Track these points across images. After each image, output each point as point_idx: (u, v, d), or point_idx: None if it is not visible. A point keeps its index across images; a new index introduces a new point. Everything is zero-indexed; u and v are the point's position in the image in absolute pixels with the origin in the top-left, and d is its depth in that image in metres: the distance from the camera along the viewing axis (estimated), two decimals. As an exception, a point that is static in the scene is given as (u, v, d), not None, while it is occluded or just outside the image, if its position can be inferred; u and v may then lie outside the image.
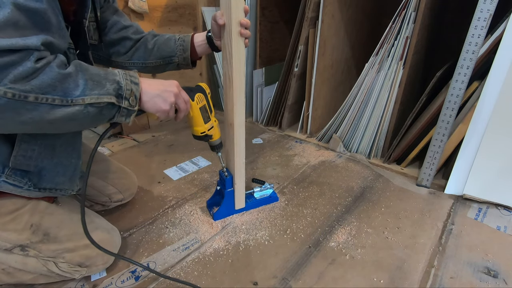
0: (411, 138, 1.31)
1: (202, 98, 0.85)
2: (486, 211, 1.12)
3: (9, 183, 0.65)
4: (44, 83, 0.51)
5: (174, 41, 0.92)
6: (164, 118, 0.72)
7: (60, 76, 0.53)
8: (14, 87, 0.48)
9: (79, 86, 0.55)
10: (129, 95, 0.62)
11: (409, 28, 1.21)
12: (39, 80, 0.51)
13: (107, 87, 0.59)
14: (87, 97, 0.56)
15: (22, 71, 0.49)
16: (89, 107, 0.57)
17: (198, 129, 0.86)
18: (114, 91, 0.60)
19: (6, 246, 0.70)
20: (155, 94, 0.68)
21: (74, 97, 0.54)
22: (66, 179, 0.73)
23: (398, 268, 0.88)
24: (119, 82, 0.61)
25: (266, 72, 1.80)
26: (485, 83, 1.07)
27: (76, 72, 0.56)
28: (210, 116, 0.89)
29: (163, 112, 0.70)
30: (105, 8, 0.87)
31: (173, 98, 0.71)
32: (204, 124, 0.86)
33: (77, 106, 0.55)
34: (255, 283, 0.83)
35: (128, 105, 0.63)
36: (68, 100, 0.54)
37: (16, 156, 0.64)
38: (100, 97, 0.58)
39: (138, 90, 0.65)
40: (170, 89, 0.70)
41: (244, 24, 0.78)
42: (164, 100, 0.69)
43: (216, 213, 1.04)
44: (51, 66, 0.52)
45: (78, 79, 0.55)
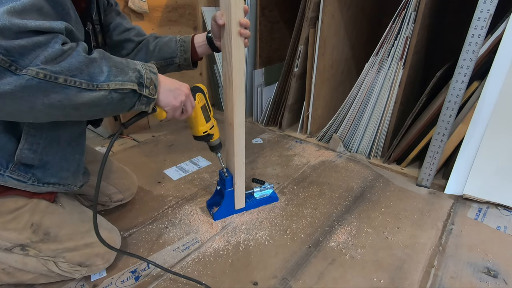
0: (411, 138, 1.31)
1: (202, 98, 0.86)
2: (486, 211, 1.12)
3: (13, 178, 0.65)
4: (73, 65, 0.52)
5: (175, 42, 0.93)
6: (171, 116, 0.74)
7: (87, 60, 0.54)
8: (46, 68, 0.49)
9: (104, 72, 0.57)
10: (149, 83, 0.64)
11: (409, 28, 1.21)
12: (67, 63, 0.52)
13: (130, 74, 0.61)
14: (111, 82, 0.57)
15: (52, 52, 0.50)
16: (113, 93, 0.58)
17: (200, 128, 0.87)
18: (136, 78, 0.62)
19: (6, 246, 0.71)
20: (169, 88, 0.71)
21: (100, 82, 0.56)
22: (69, 174, 0.74)
23: (398, 268, 0.88)
24: (139, 70, 0.63)
25: (266, 72, 1.80)
26: (485, 83, 1.07)
27: (100, 58, 0.58)
28: (210, 115, 0.90)
29: (172, 107, 0.72)
30: (108, 11, 0.89)
31: (183, 97, 0.73)
32: (206, 124, 0.87)
33: (102, 91, 0.56)
34: (255, 283, 0.83)
35: (148, 93, 0.65)
36: (94, 85, 0.55)
37: (22, 150, 0.64)
38: (124, 83, 0.59)
39: (157, 80, 0.67)
40: (182, 89, 0.73)
41: (243, 24, 0.78)
42: (175, 96, 0.72)
43: (216, 213, 1.05)
44: (78, 50, 0.54)
45: (102, 65, 0.57)
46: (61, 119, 0.61)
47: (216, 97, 2.01)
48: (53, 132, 0.68)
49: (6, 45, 0.46)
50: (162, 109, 0.71)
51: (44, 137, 0.67)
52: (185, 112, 0.78)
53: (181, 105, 0.74)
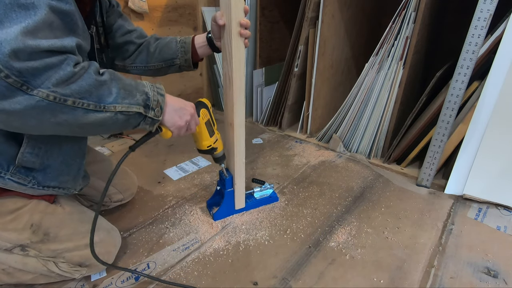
0: (411, 138, 1.31)
1: (206, 113, 0.87)
2: (486, 211, 1.12)
3: (13, 180, 0.65)
4: (82, 88, 0.53)
5: (175, 43, 0.93)
6: (176, 134, 0.75)
7: (96, 83, 0.55)
8: (56, 91, 0.50)
9: (112, 93, 0.58)
10: (155, 105, 0.66)
11: (409, 28, 1.21)
12: (78, 85, 0.53)
13: (137, 97, 0.62)
14: (118, 105, 0.59)
15: (63, 75, 0.51)
16: (119, 115, 0.59)
17: (204, 143, 0.89)
18: (143, 101, 0.63)
19: (6, 246, 0.71)
20: (175, 108, 0.72)
21: (107, 104, 0.57)
22: (70, 178, 0.74)
23: (398, 268, 0.88)
24: (147, 93, 0.64)
25: (266, 72, 1.80)
26: (485, 83, 1.07)
27: (111, 80, 0.58)
28: (214, 129, 0.91)
29: (177, 127, 0.73)
30: (110, 13, 0.89)
31: (189, 117, 0.75)
32: (210, 138, 0.89)
33: (108, 112, 0.57)
34: (255, 283, 0.83)
35: (154, 115, 0.66)
36: (101, 106, 0.56)
37: (23, 153, 0.64)
38: (130, 106, 0.61)
39: (164, 102, 0.68)
40: (188, 108, 0.75)
41: (244, 24, 0.78)
42: (180, 116, 0.73)
43: (216, 213, 1.05)
44: (89, 72, 0.55)
45: (112, 87, 0.58)
46: (66, 134, 0.63)
47: (216, 97, 2.01)
48: (55, 136, 0.68)
49: (19, 67, 0.46)
50: (168, 129, 0.73)
51: (46, 141, 0.67)
52: (189, 130, 0.79)
53: (186, 124, 0.75)
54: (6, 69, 0.46)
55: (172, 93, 0.74)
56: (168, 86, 2.04)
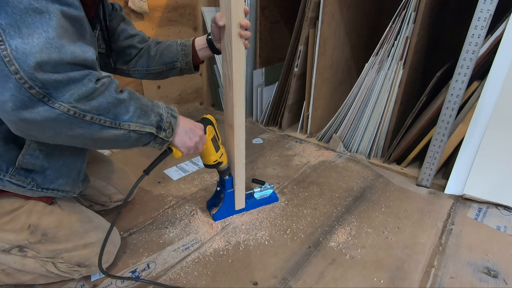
0: (411, 138, 1.31)
1: (212, 130, 0.89)
2: (486, 211, 1.12)
3: (12, 182, 0.65)
4: (102, 105, 0.55)
5: (176, 46, 0.93)
6: (185, 154, 0.78)
7: (116, 101, 0.57)
8: (77, 106, 0.51)
9: (129, 112, 0.60)
10: (167, 127, 0.68)
11: (409, 28, 1.21)
12: (97, 102, 0.54)
13: (152, 118, 0.64)
14: (133, 124, 0.60)
15: (85, 91, 0.52)
16: (132, 133, 0.61)
17: (211, 158, 0.91)
18: (156, 122, 0.65)
19: (4, 247, 0.71)
20: (185, 130, 0.74)
21: (122, 122, 0.58)
22: (69, 181, 0.74)
23: (398, 268, 0.88)
24: (161, 115, 0.67)
25: (266, 72, 1.79)
26: (485, 83, 1.07)
27: (130, 99, 0.60)
28: (219, 144, 0.94)
29: (187, 148, 0.76)
30: (113, 16, 0.89)
31: (198, 138, 0.78)
32: (216, 153, 0.92)
33: (122, 130, 0.59)
34: (255, 283, 0.83)
35: (165, 136, 0.68)
36: (117, 123, 0.58)
37: (24, 155, 0.64)
38: (144, 126, 0.62)
39: (176, 124, 0.71)
40: (197, 130, 0.78)
41: (244, 25, 0.78)
42: (190, 138, 0.76)
43: (216, 213, 1.04)
44: (110, 90, 0.56)
45: (129, 106, 0.60)
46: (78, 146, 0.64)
47: (216, 97, 2.00)
48: None
49: (43, 79, 0.47)
50: (178, 149, 0.75)
51: (48, 144, 0.66)
52: (196, 150, 0.82)
53: (195, 145, 0.78)
54: (30, 80, 0.47)
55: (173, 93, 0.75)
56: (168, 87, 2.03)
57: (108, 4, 0.86)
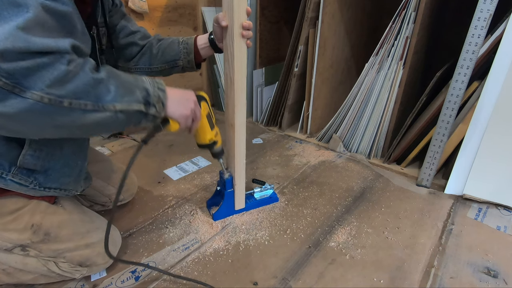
0: (411, 138, 1.31)
1: (206, 106, 0.86)
2: (486, 211, 1.12)
3: (15, 181, 0.65)
4: (78, 88, 0.51)
5: (178, 44, 0.93)
6: (184, 125, 0.74)
7: (93, 82, 0.53)
8: (50, 92, 0.48)
9: (111, 92, 0.55)
10: (156, 101, 0.63)
11: (409, 28, 1.21)
12: (73, 85, 0.50)
13: (137, 94, 0.60)
14: (117, 103, 0.56)
15: (57, 75, 0.48)
16: (119, 114, 0.57)
17: (206, 136, 0.88)
18: (143, 98, 0.61)
19: (6, 246, 0.71)
20: (178, 99, 0.70)
21: (105, 103, 0.54)
22: (71, 180, 0.74)
23: (398, 268, 0.88)
24: (147, 89, 0.62)
25: (266, 72, 1.80)
26: (485, 83, 1.07)
27: (108, 77, 0.55)
28: (213, 123, 0.90)
29: (184, 117, 0.72)
30: (113, 13, 0.88)
31: (193, 104, 0.74)
32: (211, 131, 0.88)
33: (108, 112, 0.55)
34: (255, 283, 0.83)
35: (155, 112, 0.64)
36: (100, 106, 0.54)
37: (24, 155, 0.64)
38: (131, 104, 0.58)
39: (165, 97, 0.66)
40: (189, 97, 0.74)
41: (246, 26, 0.78)
42: (185, 106, 0.72)
43: (216, 213, 1.05)
44: (85, 70, 0.52)
45: (109, 85, 0.55)
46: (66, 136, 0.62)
47: (216, 97, 2.00)
48: (57, 139, 0.68)
49: (8, 68, 0.44)
50: (175, 120, 0.71)
51: (48, 144, 0.66)
52: (195, 119, 0.78)
53: (192, 113, 0.74)
54: None
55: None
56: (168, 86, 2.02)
57: (108, 0, 0.85)
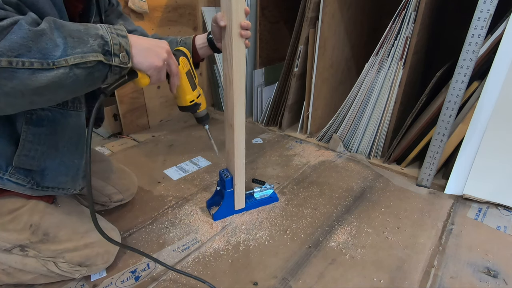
0: (411, 138, 1.31)
1: (186, 63, 0.78)
2: (486, 211, 1.12)
3: (12, 181, 0.65)
4: (15, 43, 0.44)
5: (176, 44, 0.92)
6: (156, 79, 0.65)
7: (31, 34, 0.46)
8: None
9: (59, 45, 0.48)
10: (118, 50, 0.56)
11: (409, 28, 1.21)
12: (7, 41, 0.44)
13: (91, 43, 0.52)
14: (69, 57, 0.49)
15: None
16: (75, 69, 0.50)
17: (187, 97, 0.79)
18: (100, 47, 0.53)
19: (5, 246, 0.71)
20: (146, 47, 0.62)
21: (56, 59, 0.48)
22: (68, 179, 0.74)
23: (398, 268, 0.88)
24: (103, 36, 0.54)
25: (266, 72, 1.79)
26: (485, 83, 1.07)
27: (51, 29, 0.49)
28: (195, 83, 0.82)
29: (155, 68, 0.63)
30: (110, 12, 0.87)
31: (165, 55, 0.65)
32: (192, 92, 0.80)
33: (61, 68, 0.49)
34: (255, 283, 0.83)
35: (120, 62, 0.56)
36: (49, 63, 0.48)
37: (19, 156, 0.64)
38: (85, 55, 0.51)
39: (128, 44, 0.58)
40: (162, 45, 0.65)
41: (244, 26, 0.78)
42: (156, 55, 0.63)
43: (216, 213, 1.05)
44: (20, 24, 0.45)
45: (55, 37, 0.48)
46: (28, 107, 0.55)
47: (216, 97, 2.01)
48: (52, 138, 0.67)
49: None
50: (144, 73, 0.63)
51: (42, 143, 0.66)
52: (171, 74, 0.70)
53: (164, 64, 0.65)
54: None
55: (173, 94, 0.72)
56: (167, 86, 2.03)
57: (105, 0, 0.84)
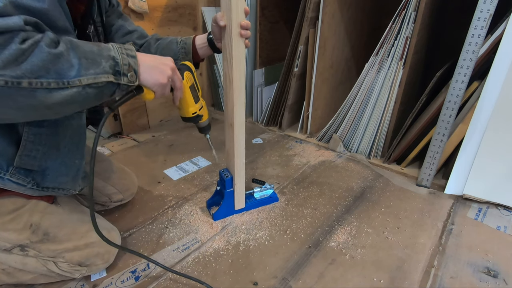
0: (411, 138, 1.31)
1: (190, 77, 0.81)
2: (486, 211, 1.12)
3: (13, 181, 0.65)
4: (35, 66, 0.48)
5: (176, 44, 0.93)
6: (160, 94, 0.68)
7: (51, 57, 0.49)
8: (5, 74, 0.45)
9: (74, 65, 0.52)
10: (127, 70, 0.59)
11: (409, 28, 1.21)
12: (29, 64, 0.47)
13: (103, 64, 0.56)
14: (83, 77, 0.53)
15: (9, 55, 0.45)
16: (87, 88, 0.54)
17: (189, 109, 0.83)
18: (111, 68, 0.57)
19: (6, 246, 0.71)
20: (152, 65, 0.65)
21: (70, 78, 0.51)
22: (69, 179, 0.74)
23: (398, 268, 0.88)
24: (114, 57, 0.58)
25: (266, 72, 1.80)
26: (485, 83, 1.07)
27: (67, 50, 0.52)
28: (198, 95, 0.86)
29: (160, 85, 0.66)
30: (110, 12, 0.88)
31: (170, 72, 0.68)
32: (195, 104, 0.84)
33: (74, 88, 0.52)
34: (255, 283, 0.83)
35: (128, 81, 0.60)
36: (65, 82, 0.51)
37: (21, 156, 0.64)
38: (97, 76, 0.55)
39: (137, 64, 0.62)
40: (166, 62, 0.68)
41: (244, 25, 0.78)
42: (161, 72, 0.66)
43: (216, 213, 1.05)
44: (40, 46, 0.48)
45: (70, 58, 0.52)
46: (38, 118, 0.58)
47: (216, 97, 2.01)
48: (53, 138, 0.67)
49: None
50: (150, 89, 0.66)
51: (44, 143, 0.66)
52: (175, 89, 0.73)
53: (169, 81, 0.69)
54: None
55: (173, 94, 0.72)
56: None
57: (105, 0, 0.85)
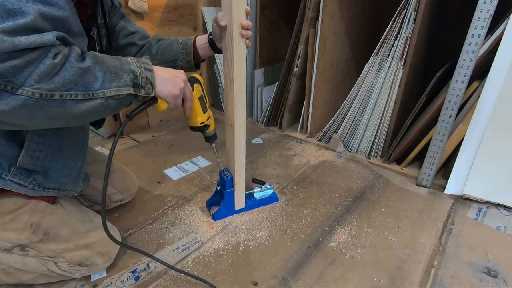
0: (411, 138, 1.31)
1: (199, 89, 0.85)
2: (486, 211, 1.12)
3: (14, 182, 0.66)
4: (67, 79, 0.52)
5: (177, 44, 0.93)
6: (173, 105, 0.73)
7: (80, 72, 0.54)
8: (40, 87, 0.49)
9: (98, 78, 0.56)
10: (144, 83, 0.64)
11: (409, 28, 1.21)
12: (61, 78, 0.51)
13: (124, 78, 0.60)
14: (107, 90, 0.57)
15: (44, 69, 0.49)
16: (109, 100, 0.58)
17: (198, 119, 0.87)
18: (131, 81, 0.61)
19: (6, 246, 0.71)
20: (166, 78, 0.69)
21: (95, 91, 0.56)
22: (70, 180, 0.74)
23: (398, 268, 0.88)
24: (134, 71, 0.62)
25: (266, 72, 1.80)
26: (485, 83, 1.07)
27: (94, 64, 0.56)
28: (206, 106, 0.89)
29: (173, 96, 0.71)
30: (113, 14, 0.89)
31: (182, 84, 0.73)
32: (203, 114, 0.87)
33: (98, 99, 0.56)
34: (255, 283, 0.83)
35: (145, 93, 0.64)
36: (90, 94, 0.55)
37: (24, 156, 0.64)
38: (119, 89, 0.59)
39: (153, 77, 0.66)
40: (179, 75, 0.73)
41: (245, 26, 0.78)
42: (174, 84, 0.70)
43: (216, 213, 1.05)
44: (70, 61, 0.53)
45: (96, 72, 0.56)
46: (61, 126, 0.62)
47: (216, 97, 2.01)
48: (56, 139, 0.68)
49: None
50: (163, 99, 0.71)
51: (47, 145, 0.67)
52: (186, 100, 0.77)
53: (181, 92, 0.73)
54: None
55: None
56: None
57: (108, 1, 0.86)
